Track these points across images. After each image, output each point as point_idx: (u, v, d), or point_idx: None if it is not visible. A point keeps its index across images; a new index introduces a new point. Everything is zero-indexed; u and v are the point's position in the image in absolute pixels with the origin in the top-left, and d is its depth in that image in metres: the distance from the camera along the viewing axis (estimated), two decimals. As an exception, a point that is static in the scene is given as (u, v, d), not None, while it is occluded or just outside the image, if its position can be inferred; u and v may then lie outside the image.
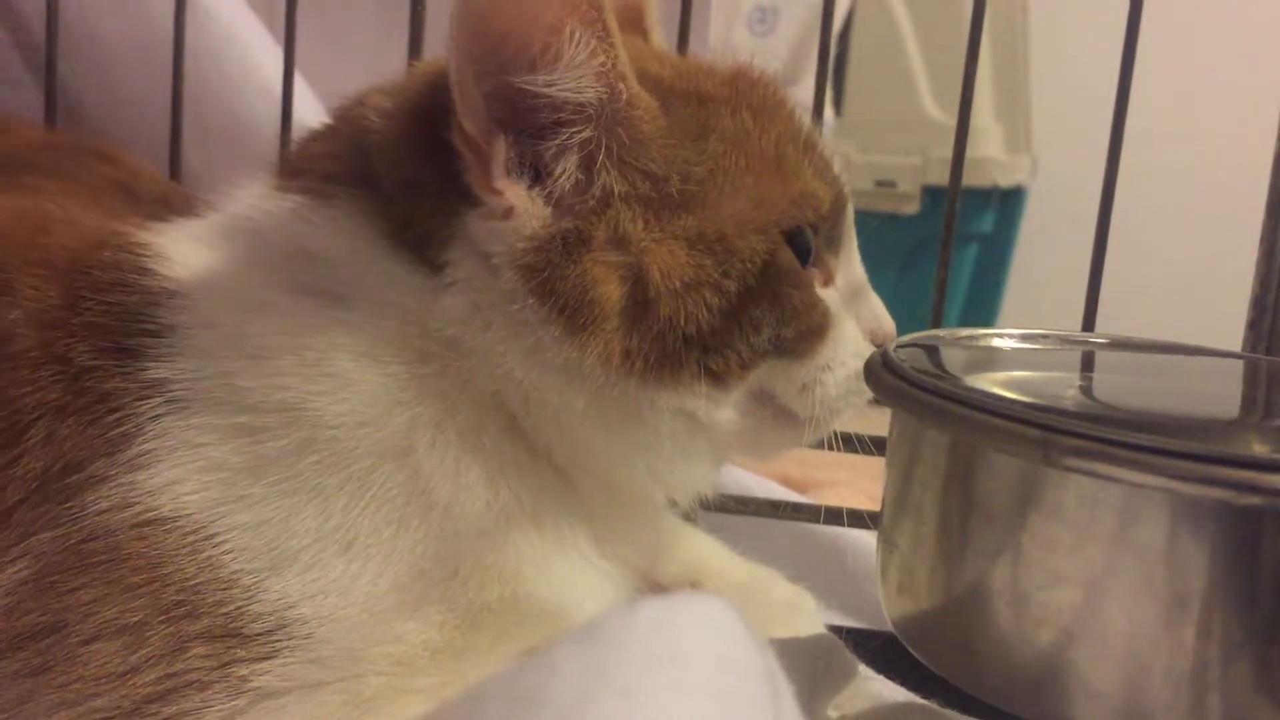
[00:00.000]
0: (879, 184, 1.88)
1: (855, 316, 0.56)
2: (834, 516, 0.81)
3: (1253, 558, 0.39)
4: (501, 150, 0.48)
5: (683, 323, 0.49)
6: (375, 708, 0.46)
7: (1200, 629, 0.40)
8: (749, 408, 0.53)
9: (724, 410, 0.52)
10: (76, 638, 0.44)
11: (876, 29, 1.92)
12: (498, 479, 0.50)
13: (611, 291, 0.48)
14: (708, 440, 0.53)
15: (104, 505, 0.45)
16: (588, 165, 0.49)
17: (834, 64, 1.69)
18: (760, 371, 0.52)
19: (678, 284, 0.48)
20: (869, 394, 0.54)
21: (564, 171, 0.48)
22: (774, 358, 0.52)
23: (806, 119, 0.56)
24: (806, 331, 0.52)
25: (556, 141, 0.48)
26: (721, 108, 0.52)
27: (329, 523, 0.46)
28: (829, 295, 0.54)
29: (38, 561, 0.45)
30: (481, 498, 0.49)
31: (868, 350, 0.55)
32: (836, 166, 0.56)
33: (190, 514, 0.45)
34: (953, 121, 0.76)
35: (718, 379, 0.50)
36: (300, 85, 0.83)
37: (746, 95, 0.53)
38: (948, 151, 0.77)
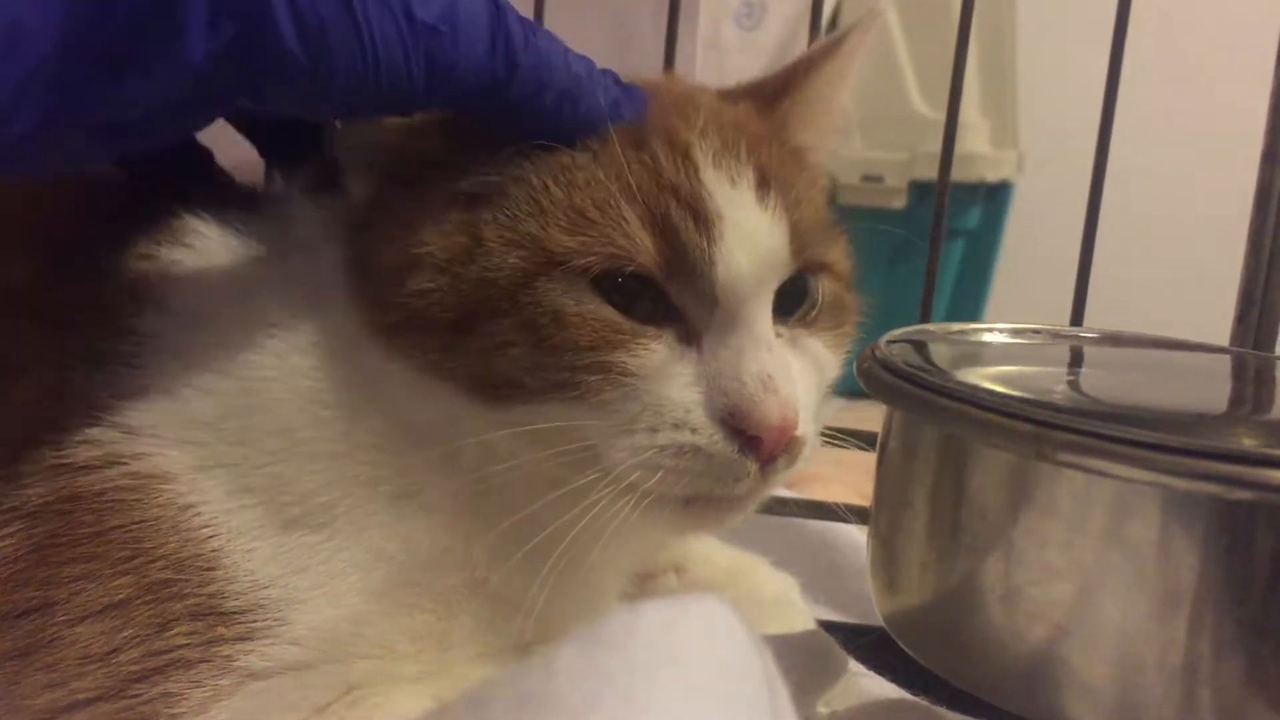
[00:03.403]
0: (866, 179, 1.88)
1: (714, 386, 0.48)
2: (824, 511, 0.81)
3: (1244, 552, 0.39)
4: None
5: (416, 296, 0.47)
6: (365, 697, 0.46)
7: (1192, 624, 0.40)
8: (565, 452, 0.48)
9: (494, 432, 0.48)
10: (65, 617, 0.43)
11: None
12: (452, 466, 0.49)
13: (391, 254, 0.48)
14: (498, 456, 0.49)
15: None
16: None
17: (821, 59, 1.69)
18: (548, 410, 0.47)
19: (441, 257, 0.47)
20: (704, 478, 0.47)
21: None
22: (558, 401, 0.47)
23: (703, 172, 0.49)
24: (578, 379, 0.47)
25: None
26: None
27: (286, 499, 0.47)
28: (674, 355, 0.48)
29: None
30: (438, 483, 0.49)
31: (702, 427, 0.47)
32: (732, 234, 0.48)
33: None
34: (940, 117, 0.76)
35: (447, 379, 0.48)
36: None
37: (628, 131, 0.49)
38: (935, 147, 0.77)
